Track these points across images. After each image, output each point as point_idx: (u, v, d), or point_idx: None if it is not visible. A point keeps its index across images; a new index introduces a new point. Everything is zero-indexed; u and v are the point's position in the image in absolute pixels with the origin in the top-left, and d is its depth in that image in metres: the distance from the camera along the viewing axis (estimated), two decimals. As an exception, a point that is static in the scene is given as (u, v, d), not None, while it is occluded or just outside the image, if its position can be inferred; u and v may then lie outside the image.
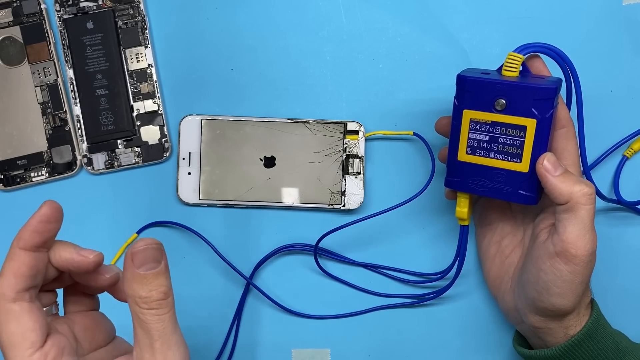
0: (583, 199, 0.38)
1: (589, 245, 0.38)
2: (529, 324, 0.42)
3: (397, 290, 0.50)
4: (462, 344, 0.50)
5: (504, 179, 0.40)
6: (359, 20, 0.50)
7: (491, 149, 0.40)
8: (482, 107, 0.40)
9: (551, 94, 0.38)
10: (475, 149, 0.41)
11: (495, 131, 0.40)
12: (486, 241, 0.47)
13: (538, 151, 0.39)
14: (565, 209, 0.38)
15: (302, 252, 0.51)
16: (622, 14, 0.49)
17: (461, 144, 0.41)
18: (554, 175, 0.38)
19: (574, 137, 0.41)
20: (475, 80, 0.40)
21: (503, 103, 0.39)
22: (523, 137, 0.39)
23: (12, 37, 0.50)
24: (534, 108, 0.38)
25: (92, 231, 0.51)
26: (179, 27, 0.51)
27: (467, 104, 0.40)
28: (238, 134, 0.50)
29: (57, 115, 0.50)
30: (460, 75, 0.40)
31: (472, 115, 0.40)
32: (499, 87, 0.39)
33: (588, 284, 0.41)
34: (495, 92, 0.39)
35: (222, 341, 0.50)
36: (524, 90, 0.38)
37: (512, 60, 0.40)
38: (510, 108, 0.39)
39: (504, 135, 0.39)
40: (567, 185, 0.38)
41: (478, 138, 0.40)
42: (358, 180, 0.50)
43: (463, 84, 0.40)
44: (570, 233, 0.38)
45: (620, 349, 0.41)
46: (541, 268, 0.40)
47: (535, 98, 0.38)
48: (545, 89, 0.38)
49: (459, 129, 0.41)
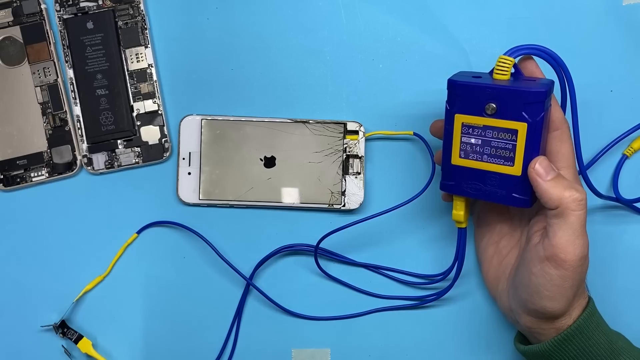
0: (573, 205, 0.38)
1: (579, 250, 0.38)
2: (522, 324, 0.42)
3: (397, 290, 0.50)
4: (463, 345, 0.50)
5: (498, 183, 0.40)
6: (359, 20, 0.50)
7: (484, 153, 0.40)
8: (472, 111, 0.39)
9: (541, 97, 0.37)
10: (468, 153, 0.41)
11: (487, 135, 0.40)
12: (484, 242, 0.47)
13: (530, 154, 0.39)
14: (555, 214, 0.38)
15: (303, 252, 0.51)
16: (622, 14, 0.49)
17: (454, 148, 0.41)
18: (545, 179, 0.38)
19: (568, 139, 0.41)
20: (465, 85, 0.39)
21: (493, 107, 0.39)
22: (515, 141, 0.39)
23: (12, 37, 0.50)
24: (524, 112, 0.38)
25: (92, 231, 0.51)
26: (179, 27, 0.51)
27: (458, 109, 0.40)
28: (238, 134, 0.50)
29: (57, 115, 0.50)
30: (451, 80, 0.40)
31: (464, 120, 0.40)
32: (489, 92, 0.39)
33: (581, 287, 0.41)
34: (485, 97, 0.39)
35: (222, 341, 0.50)
36: (514, 94, 0.38)
37: (503, 63, 0.39)
38: (500, 112, 0.39)
39: (496, 139, 0.39)
40: (558, 190, 0.38)
41: (470, 142, 0.40)
42: (358, 181, 0.50)
43: (453, 88, 0.40)
44: (560, 238, 0.38)
45: (614, 348, 0.41)
46: (532, 271, 0.40)
47: (525, 102, 0.38)
48: (535, 93, 0.38)
49: (452, 133, 0.41)
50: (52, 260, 0.51)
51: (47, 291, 0.51)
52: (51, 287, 0.51)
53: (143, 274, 0.51)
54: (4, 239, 0.51)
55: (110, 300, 0.51)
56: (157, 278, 0.51)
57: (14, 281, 0.51)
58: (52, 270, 0.51)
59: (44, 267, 0.51)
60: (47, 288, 0.51)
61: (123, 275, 0.51)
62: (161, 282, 0.51)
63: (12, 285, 0.51)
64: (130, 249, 0.51)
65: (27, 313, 0.50)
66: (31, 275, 0.51)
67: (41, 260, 0.51)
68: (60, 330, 0.49)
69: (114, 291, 0.51)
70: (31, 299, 0.51)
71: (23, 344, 0.50)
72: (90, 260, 0.51)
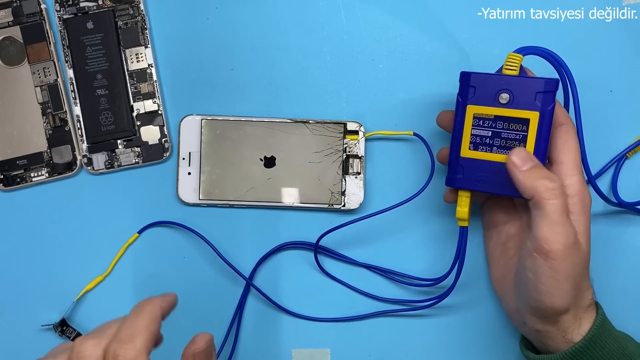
0: (546, 194, 0.37)
1: (562, 239, 0.37)
2: (529, 325, 0.42)
3: (397, 290, 0.50)
4: (463, 344, 0.50)
5: (507, 173, 0.40)
6: (359, 20, 0.50)
7: (494, 144, 0.41)
8: (485, 101, 0.41)
9: (553, 86, 0.39)
10: (478, 145, 0.42)
11: (497, 126, 0.41)
12: (492, 243, 0.47)
13: (540, 144, 0.40)
14: (533, 204, 0.38)
15: (303, 252, 0.51)
16: (622, 14, 0.49)
17: (464, 140, 0.42)
18: (520, 169, 0.38)
19: (574, 133, 0.41)
20: (479, 75, 0.41)
21: (507, 97, 0.40)
22: (526, 132, 0.40)
23: (12, 37, 0.50)
24: (537, 100, 0.40)
25: (92, 231, 0.51)
26: (179, 27, 0.51)
27: (471, 99, 0.41)
28: (238, 134, 0.50)
29: (57, 115, 0.50)
30: (464, 72, 0.42)
31: (476, 111, 0.41)
32: (503, 81, 0.40)
33: (581, 282, 0.40)
34: (499, 86, 0.40)
35: (222, 341, 0.50)
36: (528, 83, 0.40)
37: (513, 59, 0.41)
38: (513, 102, 0.40)
39: (507, 130, 0.41)
40: (530, 180, 0.38)
41: (481, 134, 0.41)
42: (358, 180, 0.50)
43: (467, 79, 0.41)
44: (541, 229, 0.38)
45: (626, 353, 0.40)
46: (525, 266, 0.39)
47: (538, 90, 0.39)
48: (548, 81, 0.40)
49: (462, 126, 0.42)
50: (52, 260, 0.51)
51: (48, 291, 0.51)
52: (52, 287, 0.51)
53: (143, 274, 0.51)
54: (4, 239, 0.51)
55: (110, 299, 0.51)
56: (157, 278, 0.51)
57: (14, 281, 0.51)
58: (52, 270, 0.51)
59: (45, 267, 0.51)
60: (48, 288, 0.51)
61: (123, 275, 0.51)
62: (161, 282, 0.51)
63: (12, 285, 0.51)
64: (129, 248, 0.51)
65: (28, 313, 0.50)
66: (32, 275, 0.51)
67: (41, 260, 0.51)
68: (59, 328, 0.49)
69: (114, 291, 0.51)
70: (32, 299, 0.51)
71: (24, 343, 0.50)
72: (90, 260, 0.51)
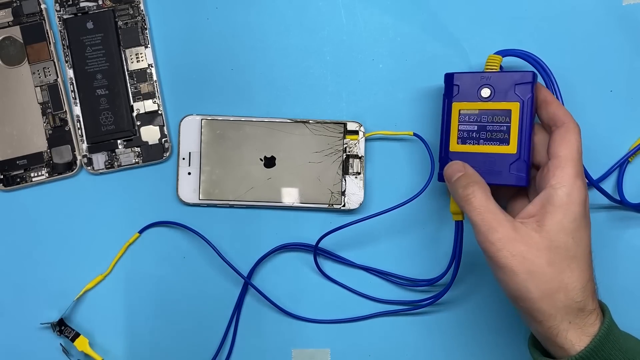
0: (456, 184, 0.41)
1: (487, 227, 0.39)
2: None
3: (397, 291, 0.50)
4: (463, 344, 0.50)
5: (495, 162, 0.43)
6: (359, 20, 0.50)
7: (480, 137, 0.43)
8: (469, 97, 0.44)
9: (530, 77, 0.42)
10: (466, 139, 0.44)
11: (482, 120, 0.43)
12: None
13: (523, 132, 0.42)
14: None
15: (302, 252, 0.51)
16: (622, 14, 0.49)
17: (452, 136, 0.44)
18: (450, 182, 0.42)
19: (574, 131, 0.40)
20: (461, 74, 0.44)
21: (488, 91, 0.43)
22: (508, 123, 0.43)
23: (12, 37, 0.50)
24: (516, 92, 0.42)
25: (92, 231, 0.51)
26: (179, 27, 0.51)
27: (456, 97, 0.44)
28: (238, 134, 0.50)
29: (57, 115, 0.50)
30: (448, 73, 0.45)
31: (461, 107, 0.44)
32: (484, 77, 0.43)
33: (562, 285, 0.38)
34: (480, 82, 0.43)
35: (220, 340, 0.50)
36: (505, 76, 0.43)
37: (492, 61, 0.44)
38: (495, 95, 0.43)
39: (491, 122, 0.43)
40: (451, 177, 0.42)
41: (467, 129, 0.44)
42: (358, 180, 0.50)
43: (450, 79, 0.44)
44: (474, 225, 0.40)
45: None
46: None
47: (516, 82, 0.42)
48: (524, 73, 0.42)
49: (450, 123, 0.44)
50: (53, 259, 0.51)
51: (48, 290, 0.51)
52: (52, 287, 0.51)
53: (142, 274, 0.51)
54: (4, 239, 0.51)
55: (110, 299, 0.51)
56: (157, 278, 0.51)
57: (14, 281, 0.51)
58: (52, 270, 0.51)
59: (45, 267, 0.51)
60: (48, 287, 0.51)
61: (123, 274, 0.51)
62: (161, 281, 0.51)
63: (13, 285, 0.51)
64: (130, 248, 0.51)
65: (29, 312, 0.50)
66: (32, 275, 0.51)
67: (42, 259, 0.51)
68: (58, 328, 0.49)
69: (114, 290, 0.51)
70: (32, 298, 0.51)
71: (24, 342, 0.51)
72: (91, 259, 0.51)
